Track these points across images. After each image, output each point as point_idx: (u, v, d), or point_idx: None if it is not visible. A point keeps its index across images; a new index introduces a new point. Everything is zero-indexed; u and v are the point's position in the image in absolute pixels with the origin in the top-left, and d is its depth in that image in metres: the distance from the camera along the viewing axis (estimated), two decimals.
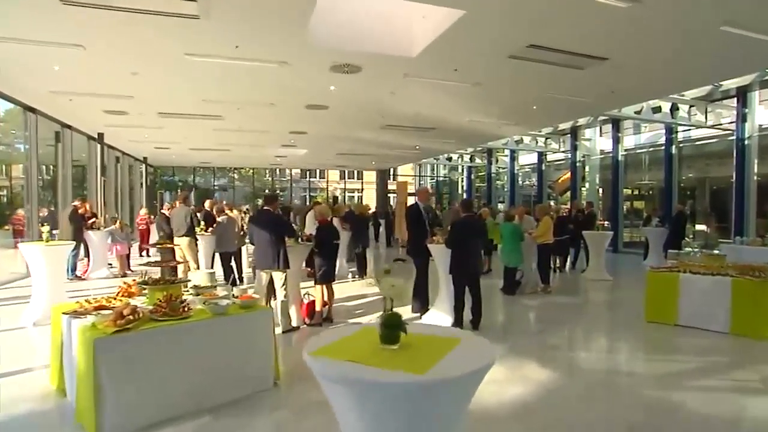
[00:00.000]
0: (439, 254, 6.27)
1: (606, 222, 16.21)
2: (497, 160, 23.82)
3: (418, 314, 6.75)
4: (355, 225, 10.45)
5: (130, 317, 3.35)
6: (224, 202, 11.56)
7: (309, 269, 10.62)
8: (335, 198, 29.05)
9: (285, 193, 31.63)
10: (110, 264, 10.83)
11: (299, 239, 6.57)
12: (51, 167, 13.62)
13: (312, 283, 6.51)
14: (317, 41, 6.43)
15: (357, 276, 10.51)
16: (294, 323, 6.09)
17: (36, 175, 10.87)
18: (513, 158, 21.60)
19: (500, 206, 21.90)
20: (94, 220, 10.63)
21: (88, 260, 10.60)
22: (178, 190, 28.28)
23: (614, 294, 9.20)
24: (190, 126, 12.76)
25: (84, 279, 9.95)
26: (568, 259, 11.66)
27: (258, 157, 21.85)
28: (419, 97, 9.67)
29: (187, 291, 4.41)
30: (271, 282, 5.97)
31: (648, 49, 6.69)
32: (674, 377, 4.57)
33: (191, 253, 8.37)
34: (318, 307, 6.19)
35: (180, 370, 3.51)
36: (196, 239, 8.60)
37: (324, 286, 6.21)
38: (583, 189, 18.00)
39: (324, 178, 33.74)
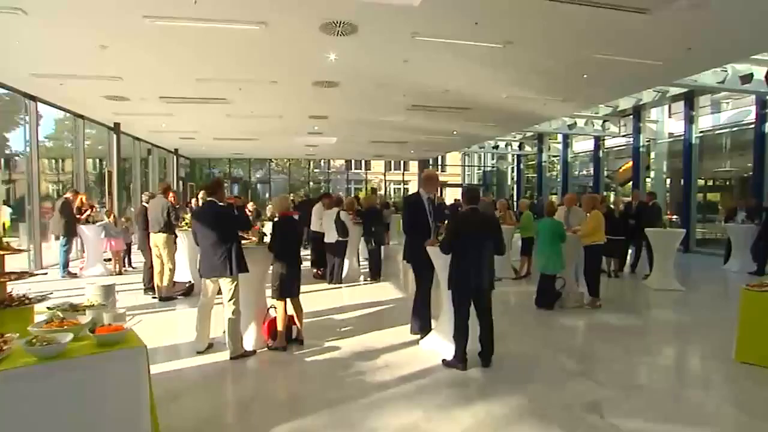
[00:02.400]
0: (438, 260, 4.71)
1: (675, 216, 13.81)
2: (549, 148, 21.50)
3: (418, 336, 5.27)
4: (365, 219, 9.03)
5: None
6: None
7: (317, 270, 9.44)
8: (373, 189, 27.80)
9: (326, 184, 30.72)
10: (108, 260, 10.10)
11: (262, 238, 5.20)
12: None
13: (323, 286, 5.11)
14: None
15: (369, 278, 9.15)
16: (250, 347, 4.77)
17: (37, 168, 10.26)
18: (566, 144, 19.29)
19: (553, 198, 19.77)
20: (89, 213, 9.89)
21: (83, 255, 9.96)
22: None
23: (687, 313, 7.01)
24: (200, 112, 11.89)
25: (78, 276, 9.26)
26: (627, 262, 9.62)
27: (289, 147, 20.91)
28: (440, 66, 8.05)
29: (52, 314, 3.15)
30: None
31: None
32: None
33: (168, 253, 7.28)
34: (279, 327, 4.81)
35: None
36: (176, 236, 7.48)
37: (287, 302, 4.82)
38: (647, 179, 15.53)
39: (369, 169, 32.43)
